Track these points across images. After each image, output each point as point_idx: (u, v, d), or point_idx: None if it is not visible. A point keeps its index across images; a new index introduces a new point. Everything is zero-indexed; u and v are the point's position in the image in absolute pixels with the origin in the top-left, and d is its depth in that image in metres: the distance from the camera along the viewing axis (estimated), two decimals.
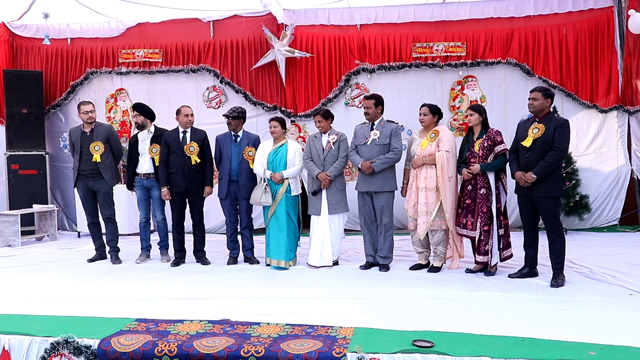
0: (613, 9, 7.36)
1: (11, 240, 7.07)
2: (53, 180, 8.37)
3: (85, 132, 5.91)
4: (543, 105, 4.60)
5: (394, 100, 7.48)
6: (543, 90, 4.65)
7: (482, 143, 4.90)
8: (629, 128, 7.41)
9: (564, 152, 4.53)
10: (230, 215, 5.80)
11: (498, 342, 3.18)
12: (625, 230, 7.26)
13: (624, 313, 3.75)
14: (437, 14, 7.65)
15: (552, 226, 4.57)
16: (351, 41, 7.72)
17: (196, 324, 3.64)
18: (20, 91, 7.94)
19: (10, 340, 3.42)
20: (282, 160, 5.54)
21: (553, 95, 4.70)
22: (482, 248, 4.89)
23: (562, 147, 4.49)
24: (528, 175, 4.52)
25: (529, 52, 7.45)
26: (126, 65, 8.15)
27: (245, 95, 7.86)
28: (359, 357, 3.04)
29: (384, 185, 5.28)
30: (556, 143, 4.48)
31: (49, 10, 7.57)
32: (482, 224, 4.84)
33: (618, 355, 2.96)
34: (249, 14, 7.93)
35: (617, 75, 7.33)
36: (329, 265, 5.47)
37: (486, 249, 4.89)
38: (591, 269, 5.06)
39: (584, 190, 7.26)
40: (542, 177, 4.49)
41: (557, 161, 4.51)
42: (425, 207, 5.07)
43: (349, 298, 4.32)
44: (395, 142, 5.29)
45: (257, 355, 3.12)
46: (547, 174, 4.48)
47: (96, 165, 5.84)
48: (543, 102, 4.59)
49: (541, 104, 4.59)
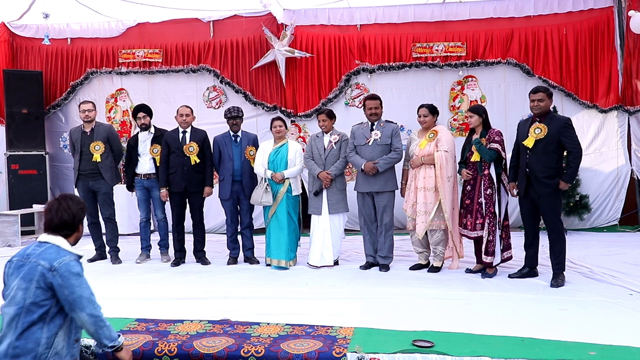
0: (613, 9, 7.35)
1: (11, 240, 7.06)
2: (53, 180, 8.36)
3: (86, 132, 5.91)
4: (548, 106, 4.61)
5: (394, 100, 7.48)
6: (546, 90, 4.65)
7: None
8: (629, 128, 7.40)
9: (580, 150, 4.54)
10: (232, 216, 5.80)
11: (498, 342, 3.19)
12: (625, 230, 7.26)
13: (624, 313, 3.75)
14: (437, 14, 7.65)
15: (553, 226, 4.57)
16: (351, 41, 7.72)
17: (196, 324, 3.65)
18: (20, 91, 7.93)
19: None
20: (283, 160, 5.55)
21: (552, 94, 4.70)
22: (490, 248, 4.84)
23: (577, 147, 4.51)
24: (563, 185, 4.50)
25: (529, 52, 7.44)
26: (126, 65, 8.15)
27: (245, 95, 7.86)
28: (359, 357, 3.04)
29: (386, 185, 5.29)
30: (569, 146, 4.48)
31: (49, 10, 7.55)
32: (490, 224, 4.82)
33: (618, 355, 2.97)
34: (249, 14, 7.92)
35: (617, 75, 7.32)
36: (330, 265, 5.47)
37: (494, 250, 4.84)
38: (591, 269, 5.06)
39: (584, 190, 7.26)
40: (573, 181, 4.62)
41: (579, 161, 4.54)
42: (424, 207, 5.06)
43: (349, 298, 4.32)
44: (396, 141, 5.30)
45: (257, 355, 3.12)
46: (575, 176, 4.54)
47: (96, 165, 5.84)
48: (548, 102, 4.60)
49: (547, 105, 4.59)
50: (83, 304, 2.45)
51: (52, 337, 2.45)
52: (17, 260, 2.53)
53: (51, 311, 2.45)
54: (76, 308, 2.45)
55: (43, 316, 2.44)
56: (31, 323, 2.41)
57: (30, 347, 2.40)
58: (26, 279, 2.44)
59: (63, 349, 2.49)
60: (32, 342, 2.41)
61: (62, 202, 2.61)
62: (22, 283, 2.44)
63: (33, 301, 2.42)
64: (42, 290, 2.43)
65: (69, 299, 2.44)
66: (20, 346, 2.39)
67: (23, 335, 2.41)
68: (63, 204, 2.60)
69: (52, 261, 2.45)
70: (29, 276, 2.44)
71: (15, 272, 2.50)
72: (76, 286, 2.45)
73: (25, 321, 2.41)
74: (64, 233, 2.59)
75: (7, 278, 2.53)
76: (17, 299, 2.43)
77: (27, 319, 2.41)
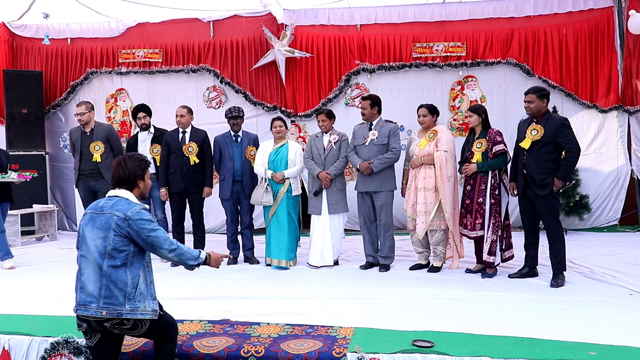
0: (613, 9, 7.35)
1: (11, 240, 7.04)
2: (53, 180, 8.37)
3: (85, 132, 5.92)
4: (539, 107, 4.58)
5: (394, 100, 7.48)
6: (537, 91, 4.61)
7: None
8: (629, 128, 7.40)
9: (578, 149, 4.53)
10: (232, 216, 5.80)
11: (498, 342, 3.19)
12: (625, 230, 7.26)
13: (624, 313, 3.75)
14: (437, 14, 7.65)
15: (551, 226, 4.57)
16: (351, 41, 7.72)
17: (196, 324, 3.65)
18: (20, 91, 7.94)
19: (10, 340, 3.42)
20: (283, 160, 5.55)
21: (548, 94, 4.65)
22: (493, 248, 4.81)
23: (574, 146, 4.50)
24: (558, 183, 4.48)
25: (529, 52, 7.44)
26: (126, 65, 8.15)
27: (245, 95, 7.86)
28: (359, 357, 3.04)
29: (383, 184, 5.29)
30: (566, 145, 4.47)
31: (49, 10, 7.55)
32: (496, 224, 4.80)
33: (618, 355, 2.96)
34: (249, 14, 7.92)
35: (617, 75, 7.32)
36: (330, 265, 5.47)
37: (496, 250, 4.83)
38: (591, 269, 5.06)
39: (584, 190, 7.26)
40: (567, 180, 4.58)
41: (576, 160, 4.53)
42: (424, 207, 5.06)
43: (349, 298, 4.32)
44: (393, 142, 5.29)
45: (257, 355, 3.12)
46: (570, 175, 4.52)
47: (97, 165, 5.85)
48: (539, 103, 4.56)
49: (537, 106, 4.57)
50: (160, 242, 2.82)
51: (136, 279, 2.78)
52: (91, 213, 2.86)
53: (130, 255, 2.79)
54: (156, 247, 2.82)
55: (124, 260, 2.77)
56: (116, 266, 2.74)
57: (120, 288, 2.73)
58: (104, 229, 2.77)
59: (145, 289, 2.81)
60: (120, 283, 2.73)
61: (121, 161, 2.95)
62: (100, 232, 2.77)
63: (113, 247, 2.75)
64: (120, 238, 2.76)
65: (147, 242, 2.79)
66: (111, 287, 2.72)
67: (111, 278, 2.73)
68: (121, 163, 2.93)
69: (125, 211, 2.79)
70: (106, 226, 2.77)
71: (90, 223, 2.82)
72: (150, 230, 2.79)
73: (110, 265, 2.74)
74: (126, 187, 2.92)
75: (83, 229, 2.85)
76: (98, 246, 2.76)
77: (111, 263, 2.74)
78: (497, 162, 4.80)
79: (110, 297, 2.71)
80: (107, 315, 2.72)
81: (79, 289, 2.78)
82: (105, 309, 2.71)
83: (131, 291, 2.74)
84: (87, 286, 2.75)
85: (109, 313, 2.71)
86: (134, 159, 2.96)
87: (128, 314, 2.73)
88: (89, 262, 2.76)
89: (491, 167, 4.80)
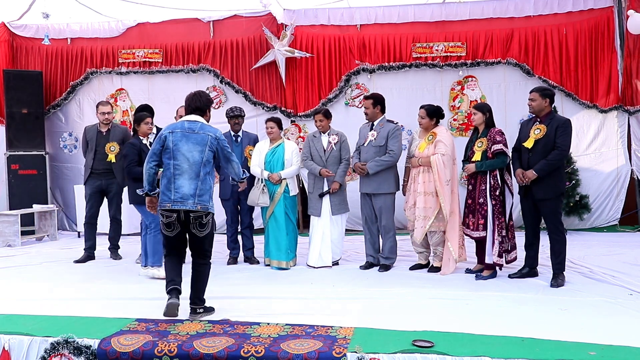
0: (613, 9, 7.35)
1: (11, 240, 7.06)
2: (53, 180, 8.36)
3: (102, 132, 6.00)
4: (542, 106, 4.59)
5: (394, 100, 7.45)
6: (541, 90, 4.65)
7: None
8: (629, 128, 7.39)
9: (566, 151, 4.54)
10: (232, 216, 5.80)
11: (498, 342, 3.19)
12: (625, 230, 7.25)
13: (624, 313, 3.75)
14: (437, 14, 7.64)
15: (553, 227, 4.57)
16: (351, 41, 7.71)
17: (196, 324, 3.65)
18: (20, 91, 7.93)
19: (10, 340, 3.43)
20: (280, 160, 5.54)
21: (552, 94, 4.68)
22: (501, 250, 4.79)
23: (565, 146, 4.49)
24: (528, 172, 4.51)
25: (529, 52, 7.43)
26: (126, 65, 8.15)
27: (245, 95, 7.86)
28: (359, 357, 3.04)
29: (380, 187, 5.27)
30: (558, 142, 4.47)
31: (49, 10, 7.55)
32: (500, 225, 4.78)
33: (618, 355, 2.97)
34: (249, 14, 7.92)
35: (617, 75, 7.31)
36: (329, 265, 5.47)
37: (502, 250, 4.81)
38: (591, 269, 5.06)
39: (584, 190, 7.25)
40: (543, 175, 4.48)
41: (560, 160, 4.52)
42: (424, 212, 5.04)
43: (349, 298, 4.32)
44: (392, 144, 5.24)
45: (257, 355, 3.12)
46: (548, 172, 4.47)
47: (110, 165, 5.93)
48: (541, 102, 4.58)
49: (539, 104, 4.59)
50: (232, 157, 3.89)
51: (213, 183, 3.83)
52: (180, 132, 3.74)
53: (212, 166, 3.81)
54: (231, 160, 3.86)
55: (211, 170, 3.80)
56: (206, 173, 3.74)
57: (207, 189, 3.75)
58: (201, 144, 3.73)
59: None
60: (207, 186, 3.76)
61: (196, 93, 3.91)
62: (197, 147, 3.72)
63: (207, 159, 3.75)
64: (211, 152, 3.76)
65: (227, 156, 3.84)
66: (204, 188, 3.73)
67: (204, 182, 3.73)
68: (197, 95, 3.90)
69: (215, 132, 3.81)
70: (203, 142, 3.73)
71: (184, 139, 3.73)
72: (228, 147, 3.87)
73: (204, 172, 3.73)
74: (199, 114, 3.86)
75: (174, 145, 3.72)
76: (196, 158, 3.72)
77: (204, 170, 3.73)
78: (496, 162, 4.78)
79: (202, 195, 3.70)
80: (201, 210, 3.69)
81: (174, 190, 3.67)
82: (200, 204, 3.69)
83: (210, 191, 3.76)
84: (182, 187, 3.67)
85: (202, 208, 3.70)
86: (205, 94, 3.95)
87: (210, 209, 3.75)
88: (185, 169, 3.69)
89: (489, 167, 4.78)
